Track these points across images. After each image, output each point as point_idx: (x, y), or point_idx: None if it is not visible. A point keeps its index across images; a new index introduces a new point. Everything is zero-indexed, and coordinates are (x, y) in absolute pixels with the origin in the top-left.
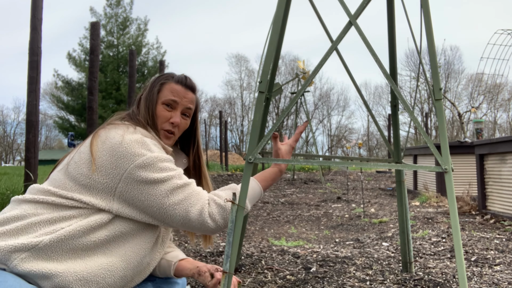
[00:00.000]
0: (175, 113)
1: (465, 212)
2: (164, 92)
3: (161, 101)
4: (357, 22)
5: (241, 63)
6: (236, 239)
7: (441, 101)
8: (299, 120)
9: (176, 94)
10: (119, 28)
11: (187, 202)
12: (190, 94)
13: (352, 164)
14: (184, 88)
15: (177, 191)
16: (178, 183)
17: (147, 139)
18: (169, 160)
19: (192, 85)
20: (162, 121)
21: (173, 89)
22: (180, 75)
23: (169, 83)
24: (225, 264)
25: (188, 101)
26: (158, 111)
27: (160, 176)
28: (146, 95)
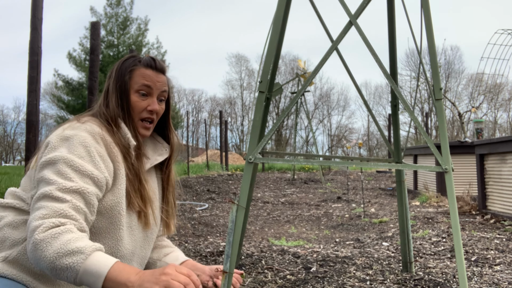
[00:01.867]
0: (151, 99)
1: (465, 212)
2: (135, 79)
3: (134, 89)
4: (358, 22)
5: (241, 63)
6: (236, 238)
7: (442, 101)
8: (299, 120)
9: (149, 79)
10: (120, 28)
11: (39, 212)
12: (162, 77)
13: (352, 164)
14: (155, 72)
15: (45, 199)
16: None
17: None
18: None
19: (162, 67)
20: (139, 111)
21: (145, 74)
22: (146, 57)
23: (138, 68)
24: (225, 263)
25: (162, 84)
26: (133, 101)
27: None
28: (115, 86)
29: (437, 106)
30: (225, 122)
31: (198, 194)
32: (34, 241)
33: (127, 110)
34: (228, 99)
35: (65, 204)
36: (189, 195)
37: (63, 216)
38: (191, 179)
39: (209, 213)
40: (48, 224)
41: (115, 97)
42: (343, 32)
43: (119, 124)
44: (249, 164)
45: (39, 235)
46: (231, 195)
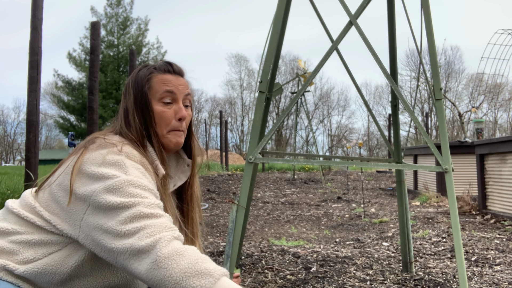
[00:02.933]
0: (177, 106)
1: (465, 212)
2: (155, 87)
3: (156, 99)
4: (358, 22)
5: (241, 63)
6: (236, 239)
7: (442, 101)
8: (299, 120)
9: (170, 84)
10: (120, 28)
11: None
12: (182, 80)
13: (352, 164)
14: (175, 75)
15: (137, 220)
16: (143, 211)
17: (128, 161)
18: (146, 188)
19: (180, 70)
20: (168, 122)
21: (164, 80)
22: (161, 63)
23: (156, 75)
24: (226, 264)
25: (184, 87)
26: (157, 112)
27: (124, 201)
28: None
29: (437, 106)
30: (225, 122)
31: None
32: (157, 258)
33: (152, 125)
34: (228, 99)
35: (163, 218)
36: None
37: (170, 229)
38: None
39: (209, 213)
40: (166, 238)
41: (137, 114)
42: (343, 32)
43: (147, 147)
44: (249, 164)
45: (162, 251)
46: (231, 195)
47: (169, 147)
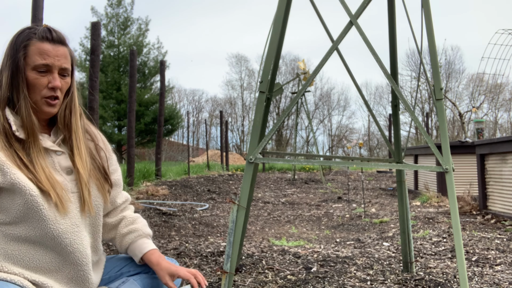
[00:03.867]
0: (52, 75)
1: (466, 212)
2: (32, 56)
3: (30, 67)
4: (358, 22)
5: (241, 63)
6: (236, 239)
7: (442, 101)
8: (299, 120)
9: (46, 55)
10: (120, 28)
11: None
12: (61, 49)
13: (353, 164)
14: (53, 44)
15: None
16: None
17: None
18: None
19: (60, 38)
20: (40, 89)
21: (41, 49)
22: (42, 28)
23: (34, 42)
24: (226, 264)
25: (62, 59)
26: (30, 79)
27: None
28: (8, 64)
29: (437, 106)
30: (225, 122)
31: (199, 194)
32: None
33: (22, 90)
34: (229, 99)
35: None
36: (189, 195)
37: None
38: (191, 179)
39: (209, 213)
40: None
41: (8, 78)
42: (344, 32)
43: (4, 110)
44: (250, 164)
45: None
46: (232, 195)
47: (41, 113)
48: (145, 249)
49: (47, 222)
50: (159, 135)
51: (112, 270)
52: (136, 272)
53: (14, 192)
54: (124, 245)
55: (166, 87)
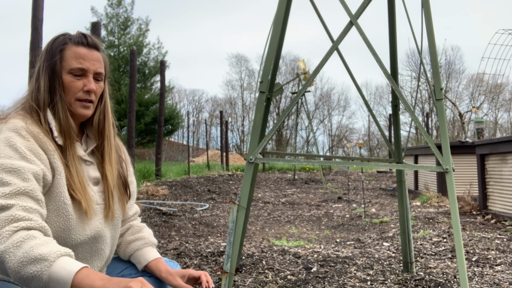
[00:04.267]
0: (87, 79)
1: (466, 212)
2: (68, 60)
3: (66, 71)
4: (358, 22)
5: (241, 63)
6: (237, 239)
7: (442, 101)
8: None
9: (82, 59)
10: (120, 28)
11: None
12: (96, 54)
13: (353, 164)
14: (88, 49)
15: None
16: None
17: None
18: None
19: (95, 44)
20: (75, 92)
21: (77, 53)
22: (77, 34)
23: (70, 47)
24: (226, 264)
25: (97, 63)
26: (66, 82)
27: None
28: (45, 68)
29: (437, 106)
30: (225, 122)
31: (199, 194)
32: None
33: (59, 92)
34: (229, 99)
35: (12, 209)
36: (189, 195)
37: (15, 221)
38: (191, 179)
39: (209, 214)
40: (5, 234)
41: (46, 81)
42: (344, 32)
43: (46, 113)
44: (250, 164)
45: (0, 246)
46: (232, 195)
47: (76, 116)
48: (151, 257)
49: (70, 232)
50: (159, 135)
51: (113, 271)
52: (139, 275)
53: (50, 196)
54: (129, 251)
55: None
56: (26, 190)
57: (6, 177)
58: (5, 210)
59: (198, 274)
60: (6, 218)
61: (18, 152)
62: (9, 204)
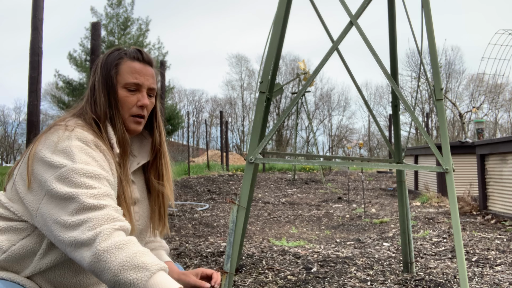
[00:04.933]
0: (141, 94)
1: (466, 213)
2: (123, 74)
3: (121, 85)
4: (358, 22)
5: (241, 63)
6: (237, 239)
7: (442, 101)
8: (300, 120)
9: (137, 74)
10: (120, 28)
11: (84, 226)
12: (150, 70)
13: (353, 164)
14: (143, 64)
15: (80, 212)
16: (87, 203)
17: (76, 146)
18: (92, 174)
19: (149, 60)
20: (129, 107)
21: (133, 68)
22: (132, 49)
23: (125, 61)
24: (226, 264)
25: (151, 79)
26: (121, 96)
27: (70, 192)
28: (102, 82)
29: (437, 107)
30: (225, 122)
31: (199, 194)
32: (97, 252)
33: (116, 107)
34: (229, 99)
35: (106, 209)
36: (189, 196)
37: (112, 220)
38: (191, 180)
39: (209, 214)
40: (106, 231)
41: (103, 94)
42: (344, 32)
43: (106, 126)
44: (250, 165)
45: (102, 245)
46: (232, 195)
47: (129, 131)
48: (165, 258)
49: None
50: None
51: None
52: None
53: None
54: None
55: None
56: (110, 193)
57: (88, 181)
58: (101, 209)
59: (211, 272)
60: (103, 216)
61: (95, 161)
62: (102, 204)
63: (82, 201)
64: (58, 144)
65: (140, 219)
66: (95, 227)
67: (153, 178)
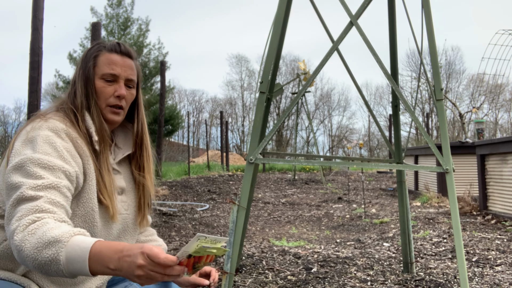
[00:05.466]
0: (118, 85)
1: (466, 213)
2: (100, 66)
3: (98, 76)
4: (358, 22)
5: (241, 64)
6: (237, 239)
7: (442, 102)
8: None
9: (114, 65)
10: (120, 28)
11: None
12: (129, 61)
13: (353, 165)
14: (121, 56)
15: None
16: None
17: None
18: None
19: (128, 51)
20: (106, 97)
21: (110, 60)
22: (112, 42)
23: (103, 54)
24: (226, 264)
25: (129, 70)
26: (98, 87)
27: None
28: (80, 74)
29: (438, 107)
30: (225, 122)
31: (199, 194)
32: (14, 243)
33: (93, 97)
34: (229, 99)
35: (39, 200)
36: (189, 196)
37: (38, 212)
38: (191, 180)
39: (209, 214)
40: (24, 223)
41: (81, 85)
42: (344, 33)
43: (84, 116)
44: (250, 165)
45: (18, 236)
46: (232, 195)
47: (107, 121)
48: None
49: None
50: (160, 136)
51: None
52: None
53: (79, 201)
54: None
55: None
56: (57, 185)
57: (40, 171)
58: (32, 201)
59: (210, 270)
60: (30, 208)
61: (57, 151)
62: (38, 195)
63: (21, 192)
64: (28, 133)
65: (129, 208)
66: (19, 219)
67: (134, 169)
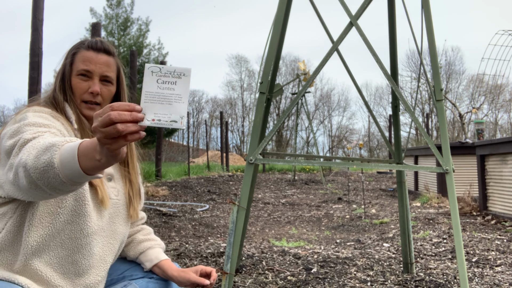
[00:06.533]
0: (92, 81)
1: (466, 213)
2: (76, 63)
3: (74, 73)
4: (358, 23)
5: (241, 64)
6: (237, 239)
7: (442, 102)
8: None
9: (88, 62)
10: (120, 28)
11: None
12: (104, 58)
13: (353, 165)
14: (96, 52)
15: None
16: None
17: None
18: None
19: (105, 47)
20: (80, 93)
21: (85, 57)
22: (92, 39)
23: (80, 51)
24: (226, 264)
25: (103, 66)
26: (73, 83)
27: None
28: (60, 71)
29: (437, 107)
30: (225, 123)
31: (199, 195)
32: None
33: (69, 92)
34: (229, 100)
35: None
36: (189, 196)
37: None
38: (191, 180)
39: (209, 214)
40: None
41: (59, 81)
42: (344, 33)
43: (64, 107)
44: (250, 165)
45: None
46: (232, 196)
47: (84, 117)
48: (163, 257)
49: (86, 218)
50: (159, 136)
51: (114, 272)
52: (140, 277)
53: None
54: (140, 249)
55: None
56: (53, 132)
57: (35, 128)
58: (36, 139)
59: (210, 270)
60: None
61: (49, 121)
62: (40, 134)
63: (21, 137)
64: (16, 117)
65: (119, 194)
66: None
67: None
